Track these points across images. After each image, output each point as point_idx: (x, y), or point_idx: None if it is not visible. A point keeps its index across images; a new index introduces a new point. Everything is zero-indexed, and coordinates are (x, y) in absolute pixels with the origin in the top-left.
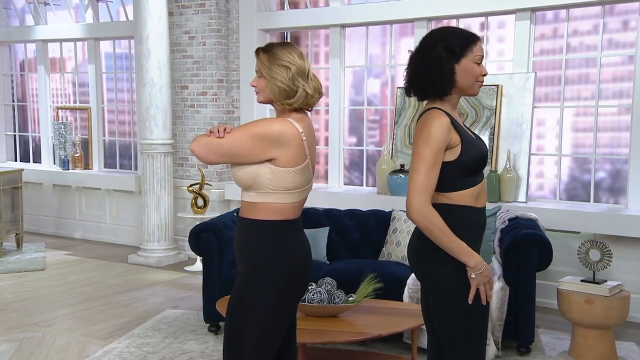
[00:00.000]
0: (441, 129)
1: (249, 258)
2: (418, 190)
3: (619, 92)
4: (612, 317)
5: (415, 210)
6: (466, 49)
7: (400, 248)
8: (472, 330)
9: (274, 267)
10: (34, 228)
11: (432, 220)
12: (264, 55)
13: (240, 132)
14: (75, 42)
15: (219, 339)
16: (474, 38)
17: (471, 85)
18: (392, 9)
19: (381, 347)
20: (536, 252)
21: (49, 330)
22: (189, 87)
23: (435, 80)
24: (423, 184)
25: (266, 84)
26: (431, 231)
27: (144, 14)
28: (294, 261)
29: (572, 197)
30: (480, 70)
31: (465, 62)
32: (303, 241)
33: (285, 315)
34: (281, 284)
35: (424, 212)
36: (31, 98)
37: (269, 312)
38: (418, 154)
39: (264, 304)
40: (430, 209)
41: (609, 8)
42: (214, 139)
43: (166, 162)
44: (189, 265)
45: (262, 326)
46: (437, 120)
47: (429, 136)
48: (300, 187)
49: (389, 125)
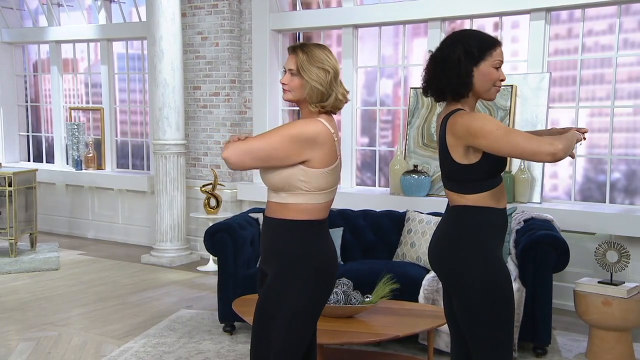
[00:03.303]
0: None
1: (278, 258)
2: (536, 147)
3: (635, 93)
4: (630, 319)
5: (556, 155)
6: (486, 52)
7: (414, 249)
8: (499, 331)
9: (303, 267)
10: (47, 228)
11: (559, 147)
12: (302, 54)
13: (275, 135)
14: (88, 43)
15: (234, 339)
16: (495, 43)
17: (488, 89)
18: (404, 9)
19: (397, 348)
20: (553, 254)
21: (65, 330)
22: (201, 87)
23: (452, 81)
24: (530, 140)
25: (301, 84)
26: (568, 150)
27: (157, 15)
28: (322, 261)
29: (587, 197)
30: (499, 75)
31: (484, 66)
32: (330, 241)
33: (313, 316)
34: (310, 284)
35: (556, 149)
36: (44, 99)
37: (297, 313)
38: (490, 132)
39: (293, 303)
40: (552, 142)
41: (625, 8)
42: (249, 143)
43: (179, 162)
44: (202, 265)
45: (290, 327)
46: (478, 113)
47: (487, 118)
48: (331, 187)
49: (401, 126)
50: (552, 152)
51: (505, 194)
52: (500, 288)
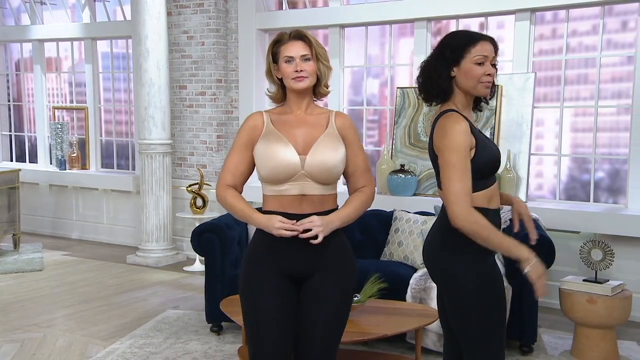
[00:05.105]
0: (464, 134)
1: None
2: (456, 199)
3: (618, 93)
4: (614, 316)
5: (458, 218)
6: (463, 50)
7: (402, 248)
8: (491, 332)
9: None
10: (30, 228)
11: (479, 223)
12: (312, 39)
13: (360, 147)
14: (72, 41)
15: (222, 339)
16: (476, 39)
17: (474, 86)
18: (391, 9)
19: (384, 347)
20: (539, 252)
21: (50, 331)
22: (187, 87)
23: (433, 85)
24: (459, 191)
25: (314, 69)
26: (480, 234)
27: (143, 14)
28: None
29: (571, 197)
30: (484, 70)
31: (464, 64)
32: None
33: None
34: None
35: (468, 218)
36: (27, 98)
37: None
38: (447, 162)
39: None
40: (472, 212)
41: (608, 9)
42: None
43: (165, 162)
44: (188, 265)
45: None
46: (458, 125)
47: (455, 142)
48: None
49: (388, 125)
50: (459, 218)
51: (498, 195)
52: (493, 289)
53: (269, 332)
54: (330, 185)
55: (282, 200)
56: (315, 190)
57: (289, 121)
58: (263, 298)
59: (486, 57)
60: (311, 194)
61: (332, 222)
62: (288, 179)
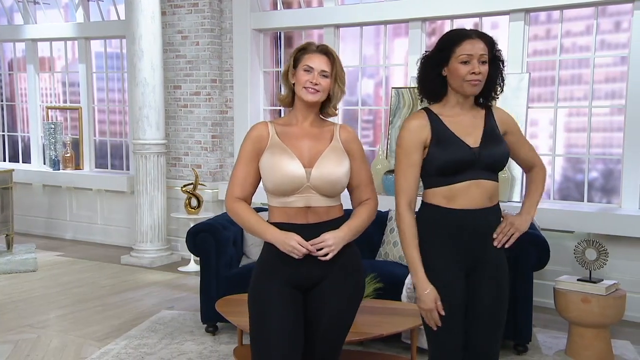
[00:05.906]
0: (410, 130)
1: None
2: (397, 193)
3: (612, 93)
4: (608, 315)
5: (396, 212)
6: (449, 50)
7: (397, 248)
8: (435, 336)
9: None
10: (23, 229)
11: (400, 224)
12: (337, 59)
13: (364, 160)
14: (65, 41)
15: (217, 339)
16: (459, 38)
17: (460, 85)
18: (386, 9)
19: (380, 347)
20: (534, 252)
21: (44, 332)
22: (182, 87)
23: (426, 84)
24: (400, 186)
25: (329, 86)
26: (399, 234)
27: (137, 14)
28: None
29: (565, 196)
30: (469, 69)
31: (452, 64)
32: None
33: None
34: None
35: (399, 214)
36: (20, 98)
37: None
38: (395, 157)
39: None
40: (404, 212)
41: (602, 9)
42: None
43: (159, 162)
44: (183, 265)
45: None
46: (408, 122)
47: (400, 138)
48: None
49: (383, 125)
50: (396, 210)
51: (470, 196)
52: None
53: (278, 347)
54: (335, 197)
55: (288, 211)
56: (320, 202)
57: (294, 133)
58: (273, 313)
59: (471, 56)
60: (316, 206)
61: (343, 239)
62: (294, 191)
